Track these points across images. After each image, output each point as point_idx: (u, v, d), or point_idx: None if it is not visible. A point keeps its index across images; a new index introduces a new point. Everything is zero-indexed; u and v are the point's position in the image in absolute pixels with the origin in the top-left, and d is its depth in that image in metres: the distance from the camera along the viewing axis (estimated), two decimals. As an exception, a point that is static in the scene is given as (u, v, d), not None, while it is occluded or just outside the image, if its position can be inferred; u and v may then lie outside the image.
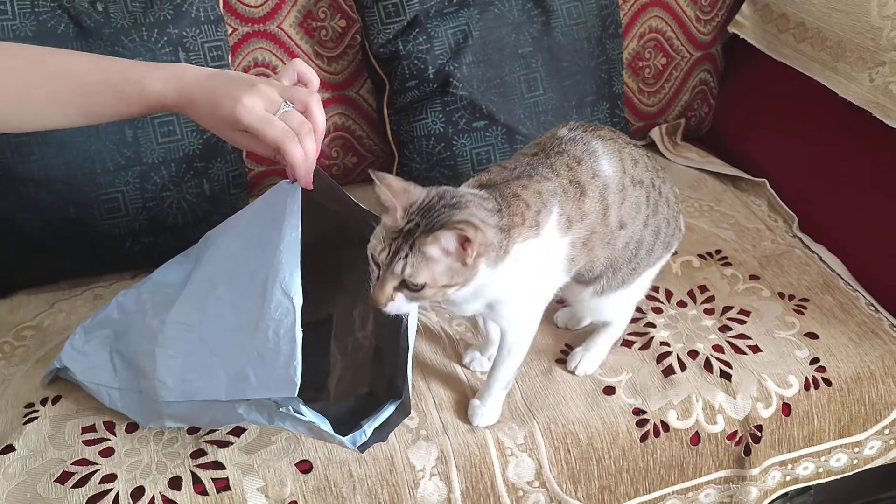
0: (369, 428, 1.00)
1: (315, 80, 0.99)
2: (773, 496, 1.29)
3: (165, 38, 1.32)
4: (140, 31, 1.30)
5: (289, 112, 0.91)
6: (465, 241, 0.92)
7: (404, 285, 0.94)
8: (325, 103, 1.57)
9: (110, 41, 1.29)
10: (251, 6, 1.48)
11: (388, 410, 1.02)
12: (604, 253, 1.10)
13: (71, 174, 1.30)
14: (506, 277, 1.00)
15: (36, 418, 1.14)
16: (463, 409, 1.17)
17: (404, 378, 1.02)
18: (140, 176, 1.32)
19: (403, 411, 1.03)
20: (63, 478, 1.06)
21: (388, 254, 0.94)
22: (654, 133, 1.81)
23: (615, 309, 1.22)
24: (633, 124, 1.77)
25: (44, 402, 1.17)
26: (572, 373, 1.24)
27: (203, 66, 1.34)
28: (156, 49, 1.31)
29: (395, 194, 0.95)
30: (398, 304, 0.95)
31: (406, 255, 0.93)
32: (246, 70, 1.50)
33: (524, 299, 1.07)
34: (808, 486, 1.35)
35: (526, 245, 1.01)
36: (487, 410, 1.15)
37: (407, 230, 0.94)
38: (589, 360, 1.24)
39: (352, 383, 1.10)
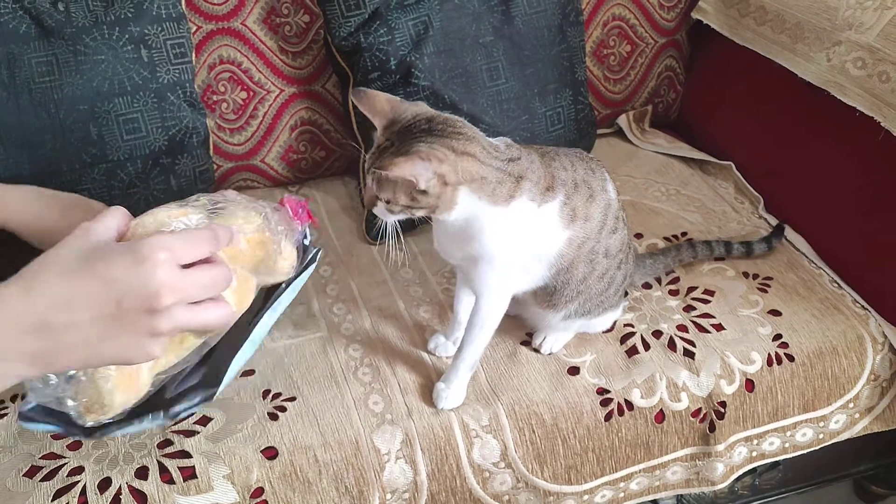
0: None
1: None
2: (741, 472, 1.31)
3: (127, 36, 1.33)
4: (101, 29, 1.31)
5: None
6: (411, 179, 0.95)
7: (379, 198, 1.00)
8: (292, 98, 1.58)
9: (72, 40, 1.30)
10: (214, 3, 1.49)
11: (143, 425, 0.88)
12: (584, 269, 1.14)
13: (37, 173, 1.30)
14: (502, 225, 1.03)
15: (6, 415, 1.15)
16: (428, 393, 1.18)
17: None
18: (106, 173, 1.33)
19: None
20: (31, 472, 1.07)
21: (367, 168, 1.00)
22: (622, 120, 1.83)
23: (578, 330, 1.27)
24: (599, 112, 1.78)
25: (13, 398, 1.18)
26: (537, 350, 1.25)
27: (167, 63, 1.37)
28: (117, 47, 1.32)
29: (372, 115, 1.02)
30: (379, 211, 1.02)
31: (374, 172, 0.98)
32: (211, 68, 1.52)
33: (504, 266, 1.08)
34: (777, 462, 1.36)
35: (527, 206, 1.04)
36: (452, 393, 1.16)
37: (382, 148, 0.99)
38: (554, 338, 1.25)
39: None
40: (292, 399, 1.16)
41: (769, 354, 1.27)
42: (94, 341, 0.65)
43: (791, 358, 1.27)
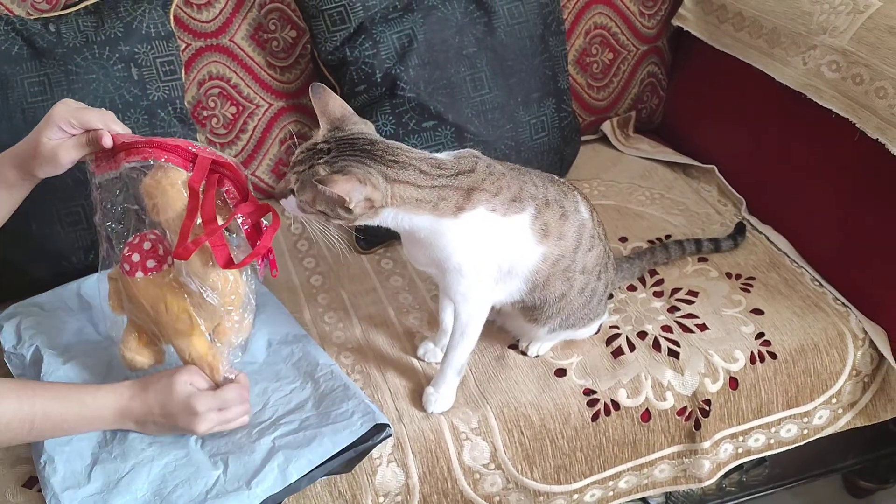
0: None
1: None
2: (727, 468, 1.33)
3: (117, 55, 1.36)
4: (92, 49, 1.34)
5: None
6: (343, 197, 0.97)
7: (295, 195, 1.02)
8: (280, 112, 1.62)
9: (63, 60, 1.33)
10: (202, 21, 1.52)
11: None
12: (561, 287, 1.17)
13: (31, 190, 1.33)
14: (457, 235, 1.06)
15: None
16: (418, 398, 1.21)
17: None
18: (99, 189, 1.36)
19: None
20: (30, 483, 1.10)
21: (294, 161, 1.03)
22: (606, 127, 1.86)
23: (565, 338, 1.29)
24: (584, 119, 1.81)
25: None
26: (524, 353, 1.28)
27: (157, 81, 1.40)
28: (108, 66, 1.35)
29: (321, 114, 1.05)
30: (289, 204, 1.03)
31: (302, 171, 1.00)
32: (201, 84, 1.55)
33: (474, 275, 1.10)
34: (763, 458, 1.39)
35: (487, 217, 1.07)
36: (441, 397, 1.19)
37: (318, 149, 1.02)
38: (541, 342, 1.28)
39: None
40: (285, 406, 1.19)
41: (752, 352, 1.30)
42: (159, 426, 1.09)
43: (774, 355, 1.30)
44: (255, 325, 1.27)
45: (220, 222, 0.99)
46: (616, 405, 1.23)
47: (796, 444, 1.36)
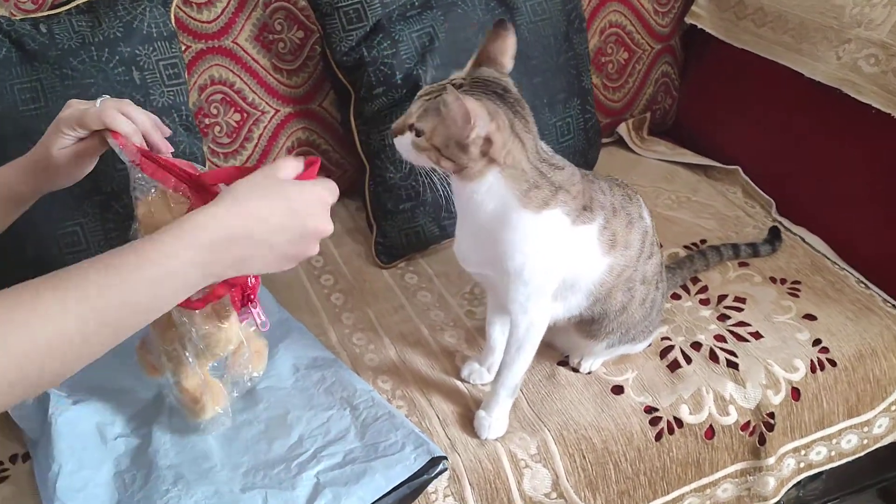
0: None
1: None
2: (790, 485, 1.26)
3: (118, 58, 1.23)
4: (90, 51, 1.22)
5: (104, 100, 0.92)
6: (468, 121, 0.89)
7: (413, 127, 0.95)
8: (288, 118, 1.51)
9: (58, 64, 1.20)
10: (203, 21, 1.41)
11: None
12: (622, 298, 1.09)
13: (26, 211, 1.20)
14: (527, 233, 0.98)
15: (7, 478, 1.05)
16: (469, 423, 1.11)
17: None
18: (100, 206, 1.23)
19: None
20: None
21: (421, 94, 0.97)
22: (622, 129, 1.79)
23: (622, 353, 1.22)
24: (601, 121, 1.74)
25: (13, 459, 1.08)
26: (576, 369, 1.19)
27: (160, 85, 1.28)
28: (108, 69, 1.22)
29: (481, 51, 1.00)
30: (402, 142, 0.97)
31: (429, 100, 0.94)
32: (202, 89, 1.43)
33: (536, 282, 1.02)
34: (820, 472, 1.32)
35: (561, 220, 0.99)
36: (495, 421, 1.09)
37: (451, 83, 0.96)
38: (594, 357, 1.19)
39: None
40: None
41: (811, 360, 1.23)
42: (274, 252, 0.78)
43: (833, 363, 1.23)
44: (279, 350, 1.17)
45: None
46: (679, 422, 1.15)
47: (856, 456, 1.30)
